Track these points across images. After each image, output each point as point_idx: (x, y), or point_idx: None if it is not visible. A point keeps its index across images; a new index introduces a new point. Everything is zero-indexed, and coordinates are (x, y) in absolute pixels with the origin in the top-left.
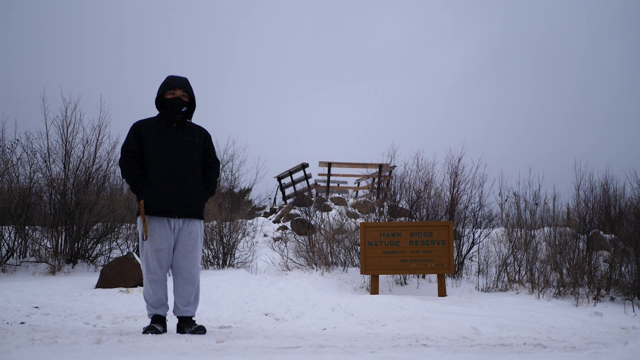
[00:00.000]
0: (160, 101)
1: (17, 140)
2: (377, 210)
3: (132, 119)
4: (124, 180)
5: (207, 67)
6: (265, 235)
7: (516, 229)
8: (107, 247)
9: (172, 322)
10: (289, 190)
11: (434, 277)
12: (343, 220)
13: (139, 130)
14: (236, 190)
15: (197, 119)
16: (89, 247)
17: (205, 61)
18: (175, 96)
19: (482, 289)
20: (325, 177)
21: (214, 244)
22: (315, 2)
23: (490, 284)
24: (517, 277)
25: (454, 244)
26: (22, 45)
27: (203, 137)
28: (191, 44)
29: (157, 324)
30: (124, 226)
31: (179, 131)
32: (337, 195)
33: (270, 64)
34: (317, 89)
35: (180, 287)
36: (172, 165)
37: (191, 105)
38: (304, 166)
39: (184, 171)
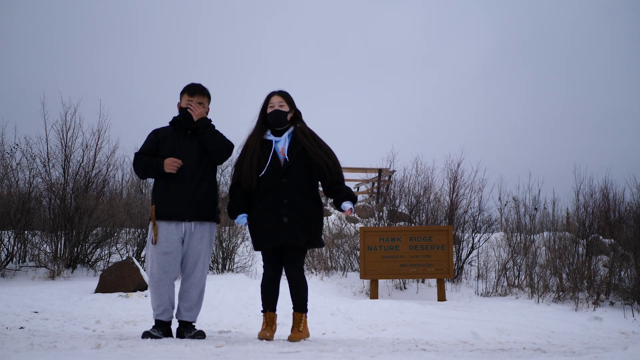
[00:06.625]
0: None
1: (17, 145)
2: (376, 215)
3: (132, 122)
4: (138, 174)
5: (207, 68)
6: None
7: (516, 234)
8: (106, 251)
9: (172, 326)
10: None
11: (433, 281)
12: (342, 224)
13: (157, 135)
14: None
15: None
16: (88, 251)
17: (205, 62)
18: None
19: (481, 294)
20: None
21: (213, 248)
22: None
23: (490, 289)
24: (516, 282)
25: (454, 248)
26: (22, 49)
27: None
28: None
29: (155, 330)
30: (123, 231)
31: (193, 137)
32: None
33: (270, 65)
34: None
35: (184, 291)
36: (182, 170)
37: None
38: None
39: (194, 175)
